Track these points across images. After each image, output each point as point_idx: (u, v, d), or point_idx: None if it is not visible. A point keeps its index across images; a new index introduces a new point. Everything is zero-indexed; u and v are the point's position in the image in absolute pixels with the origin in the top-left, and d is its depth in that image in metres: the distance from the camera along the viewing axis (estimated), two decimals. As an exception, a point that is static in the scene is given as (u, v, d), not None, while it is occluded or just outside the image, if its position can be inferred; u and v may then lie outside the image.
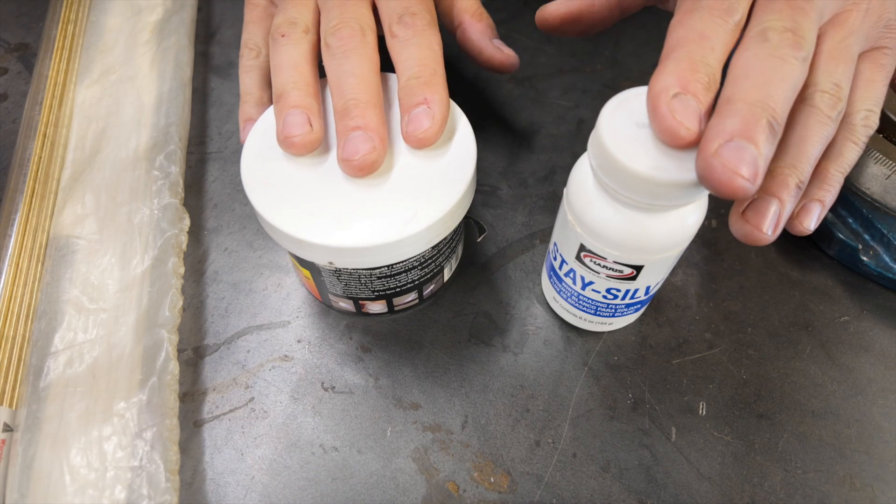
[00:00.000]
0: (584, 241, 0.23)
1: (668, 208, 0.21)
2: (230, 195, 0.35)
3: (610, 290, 0.25)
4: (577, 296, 0.27)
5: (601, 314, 0.27)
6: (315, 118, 0.24)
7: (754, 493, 0.25)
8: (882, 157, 0.29)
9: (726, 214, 0.34)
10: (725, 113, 0.18)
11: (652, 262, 0.23)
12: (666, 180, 0.19)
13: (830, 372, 0.29)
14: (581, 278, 0.26)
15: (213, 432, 0.27)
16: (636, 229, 0.22)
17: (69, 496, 0.24)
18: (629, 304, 0.26)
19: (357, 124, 0.24)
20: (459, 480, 0.26)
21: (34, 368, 0.27)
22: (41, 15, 0.43)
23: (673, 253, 0.23)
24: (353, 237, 0.23)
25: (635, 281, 0.24)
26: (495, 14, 0.44)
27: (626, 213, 0.22)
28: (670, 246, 0.23)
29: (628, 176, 0.19)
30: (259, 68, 0.30)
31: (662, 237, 0.22)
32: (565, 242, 0.25)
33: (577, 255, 0.25)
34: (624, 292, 0.25)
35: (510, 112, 0.39)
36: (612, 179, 0.20)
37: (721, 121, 0.18)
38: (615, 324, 0.29)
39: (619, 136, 0.19)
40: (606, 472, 0.26)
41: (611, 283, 0.25)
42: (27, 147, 0.34)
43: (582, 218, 0.23)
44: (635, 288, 0.25)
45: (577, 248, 0.24)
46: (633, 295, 0.26)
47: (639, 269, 0.23)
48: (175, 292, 0.29)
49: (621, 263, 0.23)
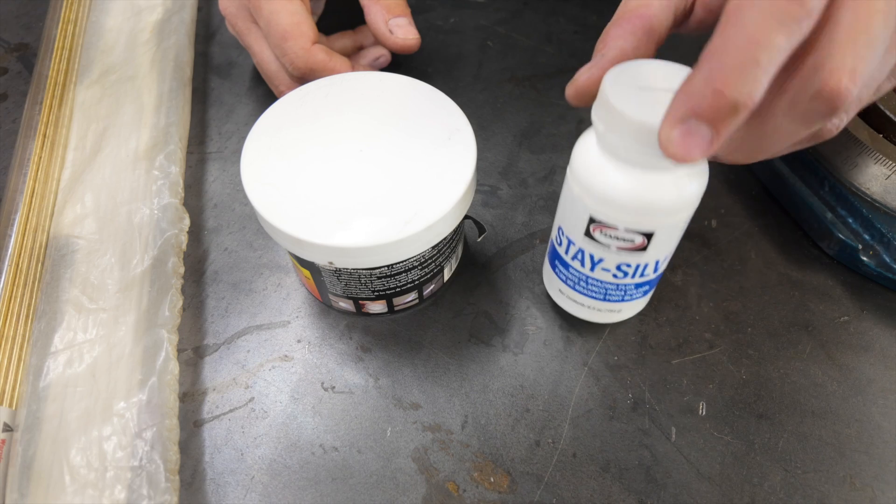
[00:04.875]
0: (593, 213, 0.23)
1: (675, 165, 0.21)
2: (230, 195, 0.35)
3: (620, 266, 0.25)
4: (585, 280, 0.26)
5: (610, 298, 0.27)
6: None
7: (754, 493, 0.25)
8: (882, 157, 0.29)
9: (727, 214, 0.34)
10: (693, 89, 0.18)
11: (662, 228, 0.23)
12: None
13: (830, 372, 0.29)
14: (590, 257, 0.25)
15: (213, 432, 0.27)
16: (646, 191, 0.22)
17: (69, 496, 0.24)
18: (638, 283, 0.26)
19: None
20: (459, 480, 0.26)
21: (34, 368, 0.27)
22: (41, 15, 0.43)
23: (682, 217, 0.23)
24: (353, 237, 0.23)
25: (646, 252, 0.24)
26: (495, 14, 0.45)
27: (635, 176, 0.22)
28: (680, 207, 0.22)
29: (637, 128, 0.20)
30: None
31: (673, 198, 0.22)
32: (572, 221, 0.25)
33: (586, 230, 0.24)
34: (634, 268, 0.25)
35: (510, 112, 0.39)
36: (620, 136, 0.21)
37: (686, 97, 0.18)
38: (623, 311, 0.28)
39: (625, 96, 0.20)
40: (606, 472, 0.26)
41: (621, 258, 0.24)
42: (27, 147, 0.34)
43: (590, 188, 0.23)
44: (645, 262, 0.25)
45: (586, 222, 0.24)
46: (643, 271, 0.25)
47: (650, 237, 0.23)
48: (175, 292, 0.29)
49: (633, 231, 0.23)
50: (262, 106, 0.39)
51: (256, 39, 0.35)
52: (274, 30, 0.32)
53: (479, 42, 0.42)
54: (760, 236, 0.33)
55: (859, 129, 0.30)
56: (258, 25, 0.34)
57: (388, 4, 0.34)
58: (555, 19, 0.44)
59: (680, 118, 0.18)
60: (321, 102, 0.27)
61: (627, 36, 0.22)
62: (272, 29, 0.32)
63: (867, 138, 0.29)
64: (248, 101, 0.39)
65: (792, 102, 0.19)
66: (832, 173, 0.31)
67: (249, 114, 0.38)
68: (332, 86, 0.28)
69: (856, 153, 0.30)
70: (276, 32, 0.32)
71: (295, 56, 0.32)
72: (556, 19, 0.44)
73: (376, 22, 0.34)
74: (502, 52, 0.42)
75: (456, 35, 0.43)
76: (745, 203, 0.34)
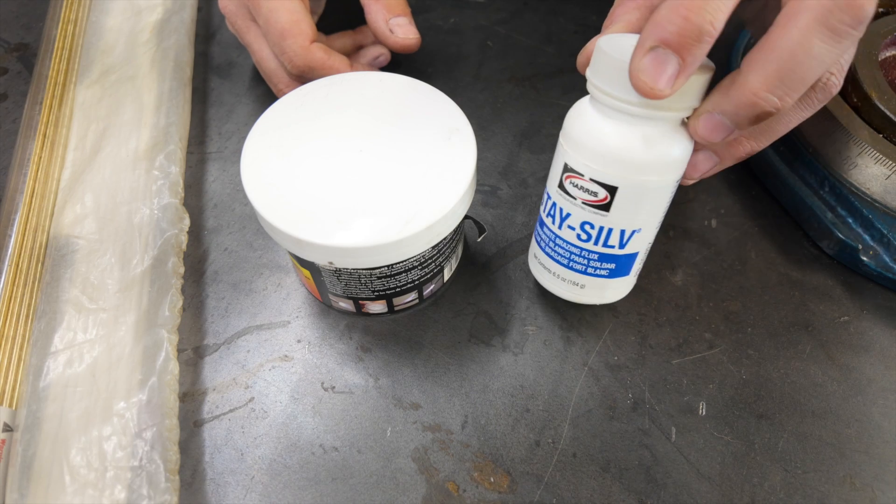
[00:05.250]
0: (567, 160, 0.24)
1: (658, 116, 0.22)
2: (230, 195, 0.35)
3: (584, 225, 0.25)
4: (553, 240, 0.26)
5: (574, 267, 0.27)
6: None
7: (754, 493, 0.25)
8: (882, 157, 0.29)
9: (727, 214, 0.34)
10: (661, 18, 0.19)
11: (626, 185, 0.23)
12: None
13: (830, 372, 0.29)
14: (560, 211, 0.25)
15: (213, 432, 0.27)
16: (615, 139, 0.22)
17: (69, 496, 0.24)
18: (602, 255, 0.26)
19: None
20: (459, 480, 0.26)
21: (34, 368, 0.27)
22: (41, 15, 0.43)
23: (648, 179, 0.23)
24: (353, 237, 0.23)
25: (609, 214, 0.24)
26: (495, 14, 0.45)
27: (611, 125, 0.23)
28: (645, 165, 0.23)
29: (617, 66, 0.21)
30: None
31: (640, 153, 0.22)
32: (553, 175, 0.25)
33: (559, 181, 0.25)
34: (598, 231, 0.25)
35: (510, 112, 0.39)
36: (603, 78, 0.22)
37: (655, 26, 0.19)
38: (587, 289, 0.27)
39: (614, 45, 0.22)
40: (606, 472, 0.26)
41: (585, 215, 0.25)
42: (27, 147, 0.34)
43: (569, 134, 0.24)
44: (609, 227, 0.24)
45: (562, 171, 0.25)
46: (607, 240, 0.25)
47: (613, 193, 0.23)
48: (175, 292, 0.29)
49: (596, 182, 0.23)
50: (262, 106, 0.39)
51: (256, 38, 0.35)
52: (273, 28, 0.32)
53: (479, 42, 0.42)
54: (760, 236, 0.33)
55: (859, 129, 0.30)
56: (257, 24, 0.34)
57: (389, 4, 0.34)
58: (555, 19, 0.44)
59: (649, 47, 0.20)
60: (321, 102, 0.27)
61: (633, 11, 0.24)
62: (271, 27, 0.32)
63: (867, 138, 0.29)
64: (248, 101, 0.39)
65: (821, 17, 0.19)
66: (832, 173, 0.31)
67: (249, 114, 0.38)
68: (332, 86, 0.28)
69: (856, 153, 0.30)
70: (275, 30, 0.32)
71: (293, 54, 0.32)
72: (556, 19, 0.44)
73: (376, 21, 0.34)
74: (502, 52, 0.42)
75: (456, 35, 0.43)
76: (745, 203, 0.34)
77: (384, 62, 0.38)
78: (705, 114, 0.22)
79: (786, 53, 0.20)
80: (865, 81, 0.30)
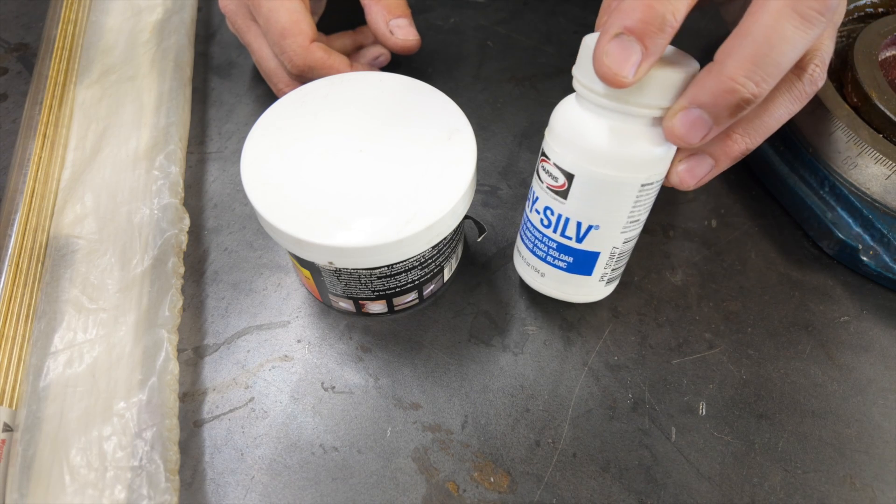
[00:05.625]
0: (543, 144, 0.25)
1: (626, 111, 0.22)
2: (230, 195, 0.35)
3: (546, 209, 0.25)
4: (527, 223, 0.27)
5: (536, 252, 0.27)
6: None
7: (754, 493, 0.25)
8: (882, 157, 0.29)
9: (727, 214, 0.34)
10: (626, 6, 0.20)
11: (582, 175, 0.23)
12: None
13: (830, 372, 0.29)
14: (532, 194, 0.26)
15: (213, 432, 0.27)
16: (579, 125, 0.23)
17: (69, 496, 0.24)
18: (560, 244, 0.26)
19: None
20: (459, 480, 0.26)
21: (34, 368, 0.27)
22: (41, 15, 0.43)
23: (606, 172, 0.23)
24: (353, 237, 0.23)
25: (566, 202, 0.24)
26: (495, 14, 0.45)
27: (582, 114, 0.23)
28: (604, 158, 0.22)
29: (587, 54, 0.22)
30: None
31: (600, 144, 0.22)
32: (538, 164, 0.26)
33: (537, 164, 0.25)
34: (556, 218, 0.25)
35: (510, 112, 0.39)
36: (580, 70, 0.22)
37: (620, 14, 0.20)
38: (547, 277, 0.27)
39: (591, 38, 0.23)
40: (606, 472, 0.26)
41: (547, 199, 0.25)
42: (27, 147, 0.34)
43: (551, 119, 0.24)
44: (566, 216, 0.25)
45: (539, 155, 0.25)
46: (564, 229, 0.25)
47: (570, 181, 0.23)
48: (175, 292, 0.29)
49: (557, 167, 0.24)
50: (262, 106, 0.39)
51: (256, 37, 0.35)
52: (273, 27, 0.32)
53: (479, 42, 0.42)
54: (760, 236, 0.33)
55: (859, 129, 0.30)
56: (257, 23, 0.34)
57: (389, 5, 0.34)
58: (555, 19, 0.44)
59: (613, 34, 0.20)
60: (321, 102, 0.27)
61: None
62: (271, 26, 0.32)
63: (867, 138, 0.29)
64: (248, 101, 0.39)
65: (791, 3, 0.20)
66: (832, 173, 0.31)
67: (249, 114, 0.38)
68: (332, 86, 0.28)
69: (856, 153, 0.30)
70: (275, 30, 0.32)
71: (293, 54, 0.32)
72: (556, 19, 0.44)
73: (377, 22, 0.34)
74: (502, 52, 0.42)
75: (456, 35, 0.43)
76: (745, 203, 0.34)
77: (384, 62, 0.38)
78: (682, 111, 0.21)
79: (760, 37, 0.20)
80: (865, 81, 0.30)
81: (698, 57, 0.23)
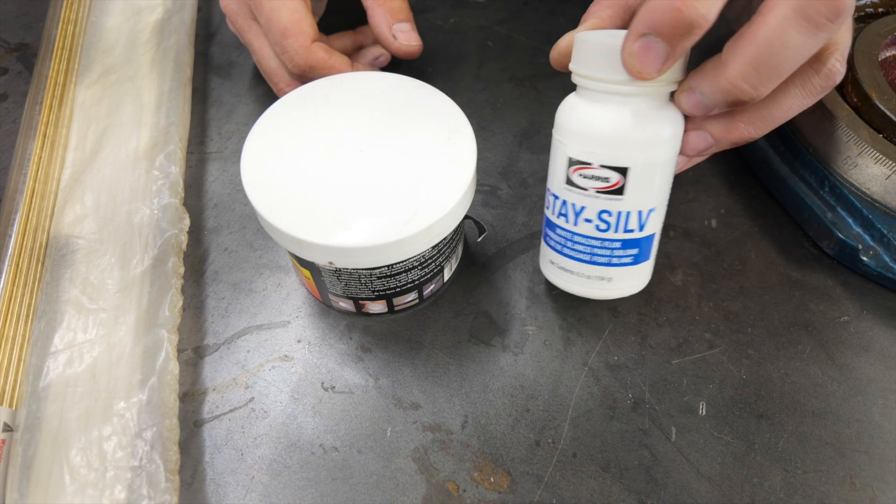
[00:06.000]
0: (571, 153, 0.24)
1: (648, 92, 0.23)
2: (230, 195, 0.35)
3: (601, 214, 0.25)
4: (571, 238, 0.26)
5: (597, 261, 0.26)
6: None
7: (754, 493, 0.25)
8: (882, 157, 0.29)
9: (727, 214, 0.34)
10: (654, 7, 0.20)
11: (636, 165, 0.24)
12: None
13: (830, 372, 0.29)
14: (572, 208, 0.25)
15: (213, 432, 0.27)
16: (616, 121, 0.23)
17: (69, 496, 0.24)
18: (624, 241, 0.26)
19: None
20: (459, 480, 0.26)
21: (34, 368, 0.27)
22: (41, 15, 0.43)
23: (656, 154, 0.24)
24: (353, 237, 0.23)
25: (623, 197, 0.24)
26: (495, 14, 0.45)
27: (606, 109, 0.23)
28: (652, 140, 0.23)
29: (604, 49, 0.22)
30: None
31: (643, 129, 0.23)
32: (555, 172, 0.26)
33: (566, 178, 0.25)
34: (616, 217, 0.25)
35: (510, 112, 0.39)
36: (590, 64, 0.23)
37: (648, 14, 0.20)
38: (615, 281, 0.27)
39: (595, 34, 0.24)
40: (606, 472, 0.26)
41: (600, 203, 0.25)
42: (27, 147, 0.34)
43: (566, 127, 0.24)
44: (627, 210, 0.25)
45: (566, 167, 0.25)
46: (627, 224, 0.25)
47: (625, 174, 0.24)
48: (175, 292, 0.29)
49: (608, 167, 0.24)
50: (262, 106, 0.39)
51: (256, 37, 0.35)
52: (274, 27, 0.32)
53: (479, 42, 0.42)
54: (760, 236, 0.33)
55: (859, 129, 0.30)
56: (258, 23, 0.34)
57: (393, 9, 0.34)
58: (555, 19, 0.44)
59: (641, 33, 0.21)
60: (321, 102, 0.27)
61: (605, 9, 0.26)
62: (272, 26, 0.32)
63: (867, 138, 0.29)
64: (248, 101, 0.39)
65: (799, 8, 0.20)
66: (832, 173, 0.31)
67: (249, 114, 0.38)
68: (332, 86, 0.28)
69: (856, 153, 0.30)
70: (277, 30, 0.32)
71: (295, 53, 0.32)
72: (556, 19, 0.44)
73: (380, 26, 0.34)
74: (502, 52, 0.42)
75: (456, 35, 0.43)
76: (745, 203, 0.34)
77: (384, 62, 0.38)
78: (687, 90, 0.23)
79: (762, 44, 0.20)
80: (865, 81, 0.30)
81: (698, 53, 0.23)
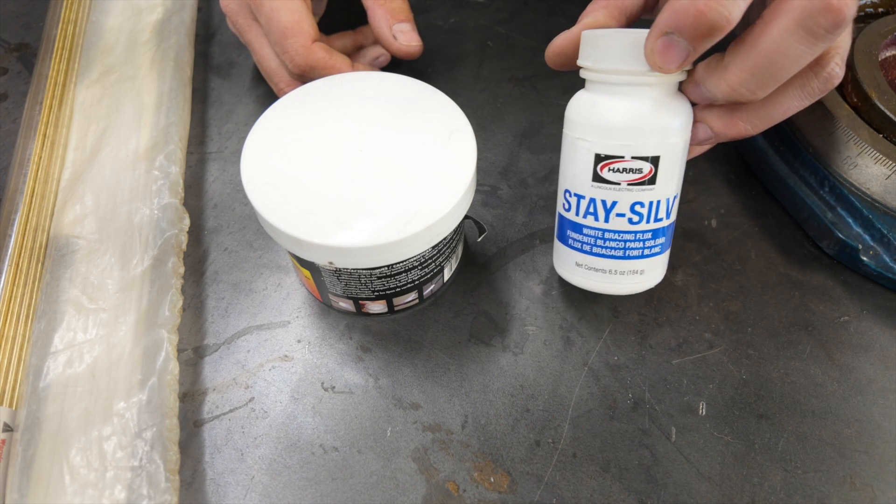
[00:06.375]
0: (598, 150, 0.25)
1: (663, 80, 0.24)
2: (230, 195, 0.35)
3: (634, 206, 0.25)
4: (602, 236, 0.26)
5: (630, 254, 0.26)
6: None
7: (754, 493, 0.25)
8: (882, 157, 0.29)
9: (727, 214, 0.34)
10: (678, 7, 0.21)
11: (667, 153, 0.24)
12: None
13: (830, 372, 0.29)
14: (602, 204, 0.25)
15: (213, 432, 0.27)
16: (643, 110, 0.24)
17: (69, 496, 0.24)
18: (654, 231, 0.26)
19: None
20: (459, 480, 0.26)
21: (34, 368, 0.27)
22: (41, 15, 0.43)
23: (679, 140, 0.24)
24: (353, 237, 0.23)
25: (655, 186, 0.25)
26: (495, 14, 0.45)
27: (629, 101, 0.24)
28: (675, 127, 0.24)
29: (627, 42, 0.23)
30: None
31: (664, 117, 0.24)
32: (578, 173, 0.26)
33: (594, 174, 0.25)
34: (648, 207, 0.25)
35: (510, 112, 0.39)
36: (610, 57, 0.24)
37: (672, 13, 0.21)
38: (646, 273, 0.27)
39: (606, 31, 0.24)
40: (606, 472, 0.26)
41: (633, 195, 0.25)
42: (27, 147, 0.34)
43: (591, 124, 0.25)
44: (657, 199, 0.25)
45: (593, 164, 0.25)
46: (657, 213, 0.25)
47: (656, 164, 0.24)
48: (175, 292, 0.29)
49: (639, 158, 0.24)
50: (262, 106, 0.39)
51: (257, 37, 0.35)
52: (274, 27, 0.32)
53: (479, 42, 0.42)
54: (760, 236, 0.33)
55: (859, 129, 0.30)
56: (259, 23, 0.34)
57: (393, 9, 0.34)
58: (555, 19, 0.44)
59: (664, 31, 0.21)
60: (321, 102, 0.27)
61: (601, 10, 0.27)
62: (273, 26, 0.32)
63: (867, 138, 0.29)
64: (248, 101, 0.39)
65: (800, 19, 0.20)
66: (832, 173, 0.31)
67: (249, 114, 0.38)
68: (333, 86, 0.28)
69: (856, 153, 0.30)
70: (277, 30, 0.32)
71: (295, 53, 0.32)
72: (556, 19, 0.44)
73: (380, 26, 0.34)
74: (502, 52, 0.42)
75: (456, 35, 0.43)
76: (745, 203, 0.34)
77: (384, 62, 0.38)
78: (693, 84, 0.24)
79: (762, 53, 0.21)
80: (865, 81, 0.30)
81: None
